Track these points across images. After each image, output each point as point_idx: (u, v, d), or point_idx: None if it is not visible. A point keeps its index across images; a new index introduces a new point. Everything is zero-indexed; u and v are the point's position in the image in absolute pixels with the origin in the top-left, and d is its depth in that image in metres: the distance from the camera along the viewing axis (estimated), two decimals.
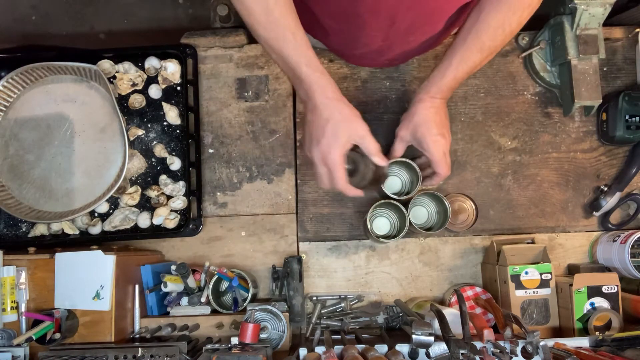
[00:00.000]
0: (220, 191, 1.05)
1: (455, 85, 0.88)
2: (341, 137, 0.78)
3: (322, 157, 0.79)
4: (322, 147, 0.78)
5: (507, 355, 0.71)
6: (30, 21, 1.89)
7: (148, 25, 1.96)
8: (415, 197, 0.95)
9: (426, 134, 0.87)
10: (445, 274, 1.03)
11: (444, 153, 0.88)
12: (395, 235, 0.97)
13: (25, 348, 0.82)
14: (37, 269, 0.86)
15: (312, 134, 0.80)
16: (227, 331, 0.91)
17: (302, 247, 1.04)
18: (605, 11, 0.95)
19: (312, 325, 0.99)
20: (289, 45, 0.75)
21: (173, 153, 1.02)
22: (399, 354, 0.74)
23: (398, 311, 0.99)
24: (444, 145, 0.88)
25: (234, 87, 1.07)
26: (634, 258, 0.94)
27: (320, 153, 0.79)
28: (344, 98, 0.80)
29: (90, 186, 0.99)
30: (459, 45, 0.84)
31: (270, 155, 1.06)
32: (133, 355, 0.77)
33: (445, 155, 0.88)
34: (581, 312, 0.90)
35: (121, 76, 1.02)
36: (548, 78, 1.05)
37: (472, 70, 0.86)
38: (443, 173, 0.89)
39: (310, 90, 0.78)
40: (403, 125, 0.91)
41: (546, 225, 1.05)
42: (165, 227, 0.99)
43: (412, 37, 0.92)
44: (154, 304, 0.94)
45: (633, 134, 0.99)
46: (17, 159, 1.00)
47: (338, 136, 0.78)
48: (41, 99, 1.01)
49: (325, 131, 0.78)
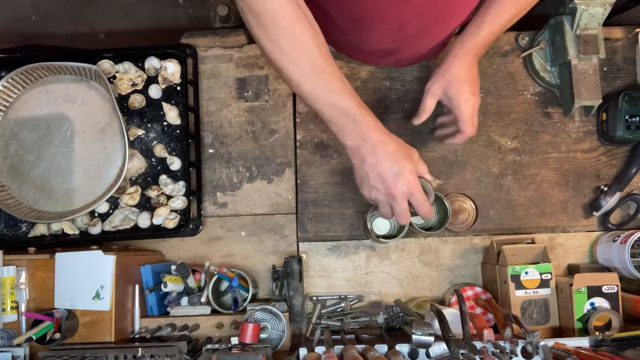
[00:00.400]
0: (220, 191, 1.05)
1: (490, 40, 0.87)
2: (413, 165, 0.76)
3: (408, 191, 0.76)
4: (405, 181, 0.75)
5: (507, 355, 0.71)
6: (30, 21, 1.89)
7: (148, 25, 1.96)
8: None
9: (458, 92, 0.86)
10: (445, 274, 1.03)
11: (473, 112, 0.87)
12: (395, 235, 0.97)
13: (25, 348, 0.82)
14: (37, 269, 0.86)
15: (383, 174, 0.75)
16: (227, 331, 0.91)
17: (302, 247, 1.04)
18: (605, 11, 0.95)
19: (312, 325, 0.99)
20: (339, 91, 0.73)
21: (173, 153, 1.02)
22: (399, 354, 0.74)
23: (398, 311, 0.99)
24: (475, 104, 0.87)
25: (234, 87, 1.07)
26: (634, 258, 0.94)
27: (406, 187, 0.75)
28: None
29: (90, 186, 0.99)
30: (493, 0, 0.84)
31: (270, 155, 1.06)
32: (133, 355, 0.77)
33: (473, 115, 0.88)
34: (581, 312, 0.90)
35: (121, 76, 1.02)
36: (548, 78, 1.05)
37: (507, 24, 0.86)
38: (468, 132, 0.88)
39: (367, 130, 0.74)
40: (435, 80, 0.89)
41: (546, 225, 1.05)
42: (165, 227, 0.99)
43: (422, 40, 0.93)
44: (154, 304, 0.94)
45: (633, 134, 0.99)
46: (17, 159, 1.00)
47: (412, 165, 0.76)
48: (41, 99, 1.01)
49: (400, 165, 0.74)
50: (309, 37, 0.71)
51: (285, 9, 0.69)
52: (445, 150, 1.06)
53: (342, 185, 1.05)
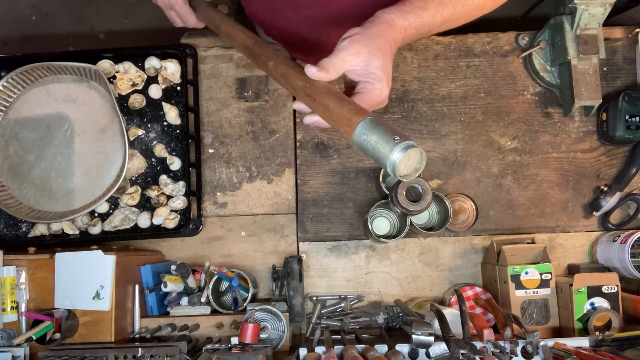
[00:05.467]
0: (220, 191, 1.05)
1: (422, 32, 0.70)
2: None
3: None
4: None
5: (507, 355, 0.72)
6: (30, 21, 1.89)
7: (148, 25, 1.96)
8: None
9: (385, 65, 0.65)
10: (445, 274, 1.04)
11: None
12: (396, 236, 0.97)
13: (25, 348, 0.82)
14: (37, 269, 0.86)
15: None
16: (227, 331, 0.91)
17: (302, 247, 1.04)
18: (605, 11, 0.95)
19: (312, 325, 0.99)
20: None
21: (173, 153, 1.02)
22: (399, 354, 0.74)
23: (398, 311, 0.99)
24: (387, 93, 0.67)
25: (234, 87, 1.08)
26: (634, 258, 0.94)
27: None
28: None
29: (90, 186, 0.99)
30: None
31: (270, 155, 1.06)
32: (133, 355, 0.77)
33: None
34: (581, 312, 0.90)
35: (121, 76, 1.02)
36: (548, 78, 1.05)
37: (448, 21, 0.70)
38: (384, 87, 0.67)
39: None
40: (361, 40, 0.64)
41: (546, 225, 1.05)
42: (165, 227, 0.99)
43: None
44: (154, 304, 0.94)
45: (633, 134, 0.99)
46: (17, 159, 1.00)
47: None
48: (41, 99, 1.01)
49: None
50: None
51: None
52: (445, 150, 1.06)
53: (342, 185, 1.05)
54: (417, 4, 0.68)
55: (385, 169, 0.55)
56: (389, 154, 0.53)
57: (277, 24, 0.95)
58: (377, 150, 0.54)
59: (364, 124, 0.55)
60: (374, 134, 0.54)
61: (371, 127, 0.55)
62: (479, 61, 1.08)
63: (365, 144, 0.56)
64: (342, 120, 0.58)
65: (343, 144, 1.06)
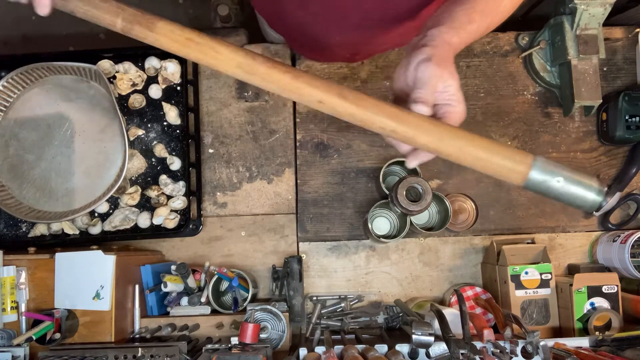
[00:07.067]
0: (220, 191, 1.05)
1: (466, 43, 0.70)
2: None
3: None
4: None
5: (507, 355, 0.71)
6: (30, 21, 1.88)
7: None
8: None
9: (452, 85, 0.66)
10: (445, 274, 1.03)
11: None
12: (396, 235, 0.97)
13: (25, 348, 0.82)
14: (37, 269, 0.86)
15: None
16: (227, 331, 0.91)
17: (302, 247, 1.04)
18: (605, 11, 0.95)
19: (312, 325, 0.99)
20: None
21: (173, 153, 1.02)
22: (399, 354, 0.74)
23: (398, 311, 0.99)
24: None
25: (234, 87, 1.07)
26: (634, 258, 0.94)
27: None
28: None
29: (90, 186, 0.99)
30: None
31: (270, 155, 1.06)
32: (133, 355, 0.77)
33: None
34: (581, 312, 0.90)
35: (121, 76, 1.01)
36: (548, 78, 1.05)
37: (480, 32, 0.70)
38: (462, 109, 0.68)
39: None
40: (432, 63, 0.63)
41: (546, 225, 1.05)
42: (165, 227, 0.99)
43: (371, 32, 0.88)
44: (154, 304, 0.94)
45: (633, 134, 0.99)
46: (17, 159, 1.00)
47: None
48: (41, 99, 1.01)
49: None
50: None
51: None
52: None
53: (342, 185, 1.05)
54: (464, 19, 0.67)
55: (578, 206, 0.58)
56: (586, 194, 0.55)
57: (281, 17, 0.95)
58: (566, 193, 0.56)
59: (539, 164, 0.56)
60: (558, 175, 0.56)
61: (549, 167, 0.56)
62: (479, 61, 1.08)
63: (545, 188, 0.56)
64: (502, 168, 0.57)
65: (343, 144, 1.06)
